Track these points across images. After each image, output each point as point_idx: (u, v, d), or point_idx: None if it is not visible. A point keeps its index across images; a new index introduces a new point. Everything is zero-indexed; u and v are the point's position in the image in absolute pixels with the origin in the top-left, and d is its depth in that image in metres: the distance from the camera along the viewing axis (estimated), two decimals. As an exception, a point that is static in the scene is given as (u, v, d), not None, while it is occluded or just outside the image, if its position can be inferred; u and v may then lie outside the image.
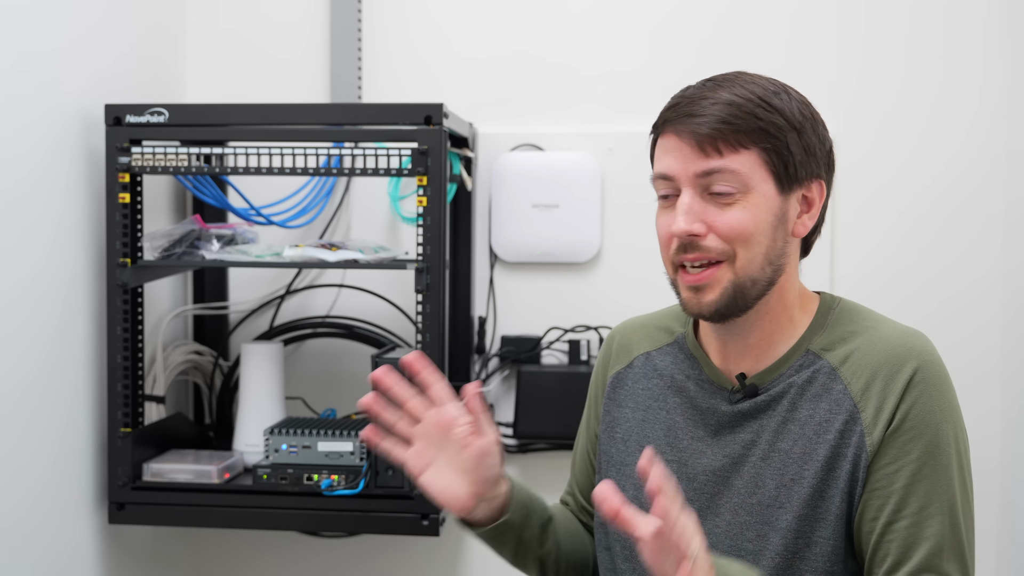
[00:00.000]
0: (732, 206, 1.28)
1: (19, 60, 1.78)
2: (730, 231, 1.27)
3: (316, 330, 2.35)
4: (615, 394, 1.48)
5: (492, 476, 1.34)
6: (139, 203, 1.98)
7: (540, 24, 2.34)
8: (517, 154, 2.31)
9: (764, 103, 1.29)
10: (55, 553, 1.90)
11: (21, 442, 1.80)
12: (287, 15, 2.39)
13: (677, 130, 1.30)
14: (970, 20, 2.22)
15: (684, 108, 1.30)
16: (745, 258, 1.28)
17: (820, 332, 1.35)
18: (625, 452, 1.43)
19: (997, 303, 2.23)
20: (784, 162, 1.29)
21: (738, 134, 1.27)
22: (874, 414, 1.28)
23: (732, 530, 1.32)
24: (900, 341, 1.31)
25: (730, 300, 1.29)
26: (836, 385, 1.31)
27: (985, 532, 2.24)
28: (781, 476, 1.30)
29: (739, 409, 1.35)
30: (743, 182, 1.27)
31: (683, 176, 1.29)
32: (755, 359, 1.36)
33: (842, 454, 1.28)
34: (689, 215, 1.27)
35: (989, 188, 2.23)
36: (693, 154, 1.28)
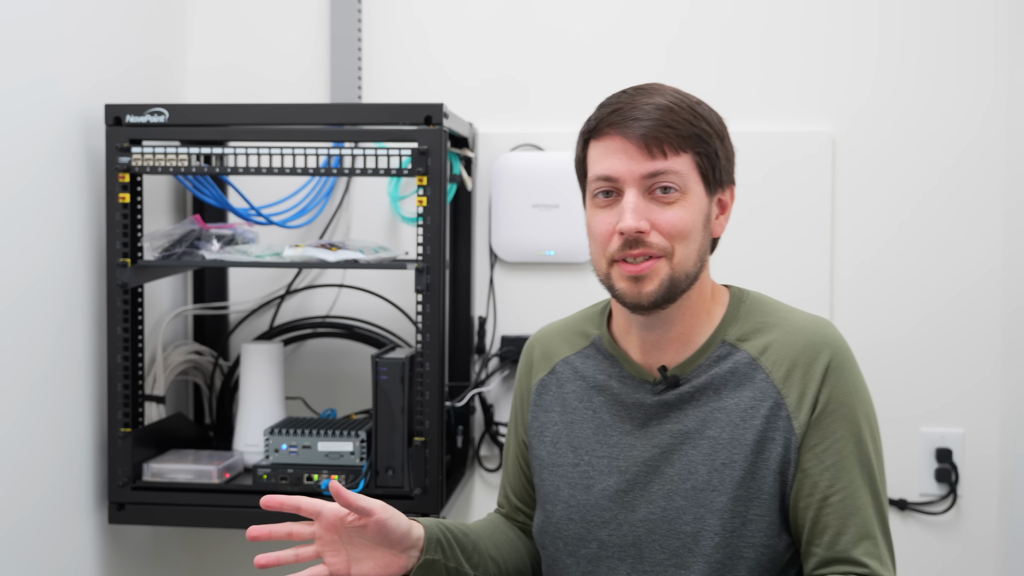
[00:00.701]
0: (673, 205, 1.37)
1: (19, 60, 1.78)
2: (672, 228, 1.37)
3: (316, 330, 2.35)
4: (540, 400, 1.55)
5: (402, 531, 1.40)
6: (139, 203, 1.98)
7: (540, 24, 2.34)
8: (517, 154, 2.31)
9: (693, 111, 1.40)
10: (55, 553, 1.90)
11: (21, 442, 1.80)
12: (287, 15, 2.39)
13: (623, 132, 1.37)
14: (973, 21, 2.22)
15: (627, 112, 1.38)
16: (682, 254, 1.38)
17: (734, 323, 1.45)
18: (556, 454, 1.51)
19: (997, 305, 2.23)
20: (712, 166, 1.40)
21: (679, 138, 1.37)
22: (797, 400, 1.39)
23: (668, 515, 1.40)
24: (813, 330, 1.42)
25: (666, 291, 1.38)
26: (758, 374, 1.41)
27: (985, 531, 2.25)
28: (712, 461, 1.39)
29: (663, 400, 1.44)
30: (683, 183, 1.38)
31: (629, 177, 1.37)
32: (675, 351, 1.45)
33: (770, 437, 1.39)
34: (636, 212, 1.36)
35: (990, 190, 2.22)
36: (640, 155, 1.37)
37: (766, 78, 2.28)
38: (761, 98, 2.29)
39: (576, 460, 1.48)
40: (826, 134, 2.26)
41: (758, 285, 2.23)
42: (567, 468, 1.48)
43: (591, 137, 1.42)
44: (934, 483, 2.25)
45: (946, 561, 2.25)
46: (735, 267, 2.26)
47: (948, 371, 2.25)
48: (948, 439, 2.25)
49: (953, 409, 2.25)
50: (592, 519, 1.45)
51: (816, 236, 2.26)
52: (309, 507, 1.38)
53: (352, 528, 1.39)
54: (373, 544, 1.40)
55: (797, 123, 2.28)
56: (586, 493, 1.46)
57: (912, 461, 2.26)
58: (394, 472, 1.92)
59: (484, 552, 1.52)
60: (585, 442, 1.48)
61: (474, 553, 1.50)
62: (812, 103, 2.28)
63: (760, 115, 2.29)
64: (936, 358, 2.25)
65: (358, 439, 1.95)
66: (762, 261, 2.27)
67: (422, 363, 1.92)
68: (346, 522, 1.38)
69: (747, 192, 2.27)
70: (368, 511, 1.37)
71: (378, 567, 1.40)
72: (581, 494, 1.46)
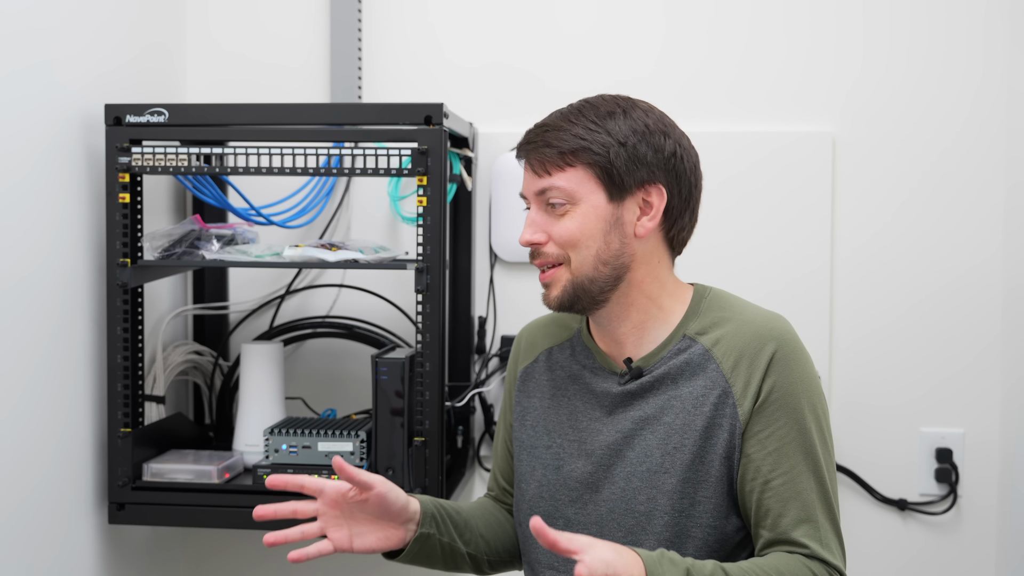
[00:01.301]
0: (563, 216, 1.49)
1: (19, 60, 1.78)
2: (560, 238, 1.49)
3: (316, 330, 2.35)
4: (524, 387, 1.66)
5: (400, 504, 1.48)
6: (139, 203, 1.98)
7: (540, 24, 2.34)
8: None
9: (594, 123, 1.48)
10: (55, 553, 1.90)
11: (21, 442, 1.80)
12: (287, 15, 2.39)
13: (521, 155, 1.53)
14: (973, 20, 2.22)
15: (528, 137, 1.52)
16: (577, 260, 1.49)
17: (694, 319, 1.53)
18: (535, 436, 1.61)
19: (997, 305, 2.23)
20: (610, 173, 1.47)
21: (563, 155, 1.47)
22: (743, 389, 1.47)
23: (626, 495, 1.50)
24: (762, 324, 1.50)
25: (572, 295, 1.50)
26: (710, 364, 1.49)
27: (985, 531, 2.25)
28: (665, 445, 1.48)
29: (627, 389, 1.53)
30: (570, 195, 1.48)
31: (529, 194, 1.53)
32: (633, 345, 1.54)
33: (717, 424, 1.47)
34: (532, 227, 1.51)
35: (990, 190, 2.23)
36: (532, 176, 1.51)
37: (766, 78, 2.28)
38: (761, 98, 2.29)
39: (549, 443, 1.58)
40: (826, 134, 2.26)
41: (757, 283, 2.25)
42: (542, 450, 1.59)
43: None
44: (934, 483, 2.25)
45: (946, 561, 2.25)
46: (735, 266, 2.27)
47: (948, 371, 2.25)
48: (948, 439, 2.25)
49: (953, 409, 2.25)
50: (560, 497, 1.55)
51: (816, 236, 2.26)
52: (312, 485, 1.44)
53: (354, 504, 1.46)
54: (374, 518, 1.48)
55: (797, 123, 2.28)
56: (556, 473, 1.56)
57: (912, 461, 2.26)
58: (394, 472, 1.92)
59: (475, 530, 1.62)
60: (559, 426, 1.58)
61: (466, 530, 1.60)
62: (812, 103, 2.28)
63: (760, 115, 2.29)
64: (936, 358, 2.25)
65: (358, 439, 1.95)
66: (762, 260, 2.27)
67: (422, 363, 1.91)
68: (348, 498, 1.45)
69: (747, 192, 2.27)
70: (369, 485, 1.43)
71: (379, 540, 1.48)
72: (552, 474, 1.56)
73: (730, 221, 2.27)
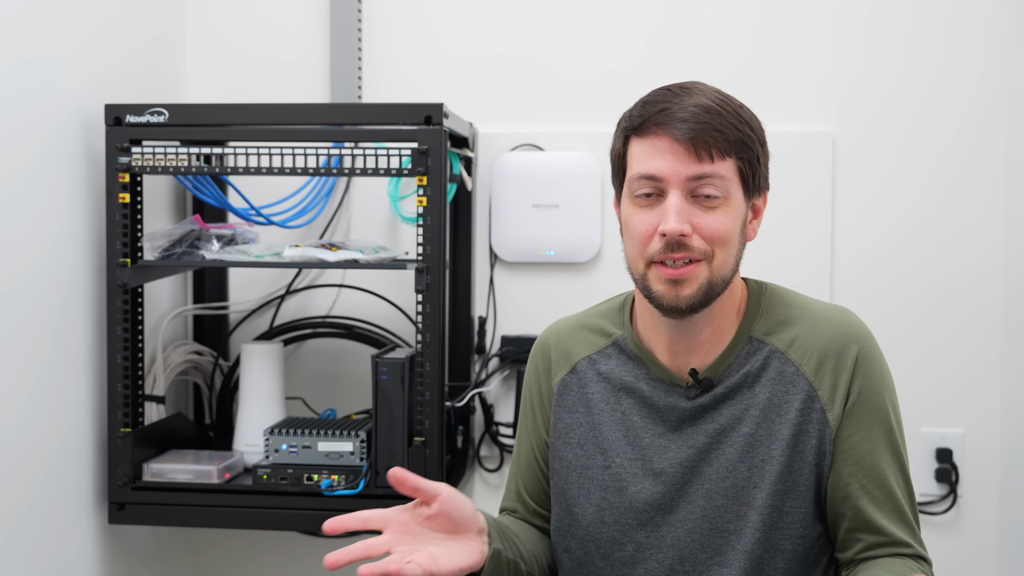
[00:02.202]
0: (715, 210, 1.36)
1: (19, 60, 1.78)
2: (714, 233, 1.35)
3: (316, 330, 2.35)
4: (563, 400, 1.52)
5: (469, 511, 1.36)
6: (139, 203, 1.98)
7: (540, 24, 2.34)
8: (517, 154, 2.31)
9: (738, 114, 1.38)
10: (55, 553, 1.90)
11: (21, 442, 1.80)
12: (287, 15, 2.39)
13: (671, 133, 1.34)
14: (973, 20, 2.22)
15: (675, 112, 1.35)
16: (721, 259, 1.37)
17: (757, 318, 1.45)
18: (584, 456, 1.48)
19: (997, 305, 2.23)
20: (752, 172, 1.39)
21: (726, 142, 1.35)
22: (830, 392, 1.40)
23: (709, 514, 1.41)
24: (839, 321, 1.44)
25: (704, 296, 1.37)
26: (788, 368, 1.42)
27: (985, 531, 2.25)
28: (751, 458, 1.40)
29: (699, 403, 1.43)
30: (726, 188, 1.36)
31: (674, 178, 1.35)
32: (704, 353, 1.44)
33: (805, 430, 1.40)
34: (680, 216, 1.34)
35: (990, 190, 2.22)
36: (687, 157, 1.34)
37: (766, 78, 2.28)
38: (761, 98, 2.28)
39: (606, 463, 1.46)
40: (826, 134, 2.26)
41: (758, 285, 2.24)
42: (597, 471, 1.46)
43: (634, 133, 1.39)
44: (934, 483, 2.25)
45: (946, 561, 2.25)
46: (735, 267, 2.26)
47: (948, 371, 2.25)
48: (948, 439, 2.25)
49: (953, 409, 2.25)
50: (627, 521, 1.44)
51: (816, 236, 2.26)
52: (376, 519, 1.32)
53: (424, 524, 1.34)
54: (447, 536, 1.35)
55: (797, 123, 2.28)
56: (619, 496, 1.44)
57: (912, 461, 2.22)
58: (394, 472, 1.92)
59: (528, 548, 1.49)
60: (615, 444, 1.46)
61: (522, 547, 1.47)
62: (812, 103, 2.28)
63: (761, 115, 2.27)
64: (936, 358, 2.25)
65: (358, 439, 1.95)
66: (762, 260, 2.26)
67: (422, 363, 1.91)
68: (417, 520, 1.34)
69: (747, 192, 2.27)
70: (434, 493, 1.32)
71: (462, 556, 1.34)
72: (614, 497, 1.45)
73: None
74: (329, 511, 1.93)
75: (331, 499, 1.93)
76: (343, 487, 1.93)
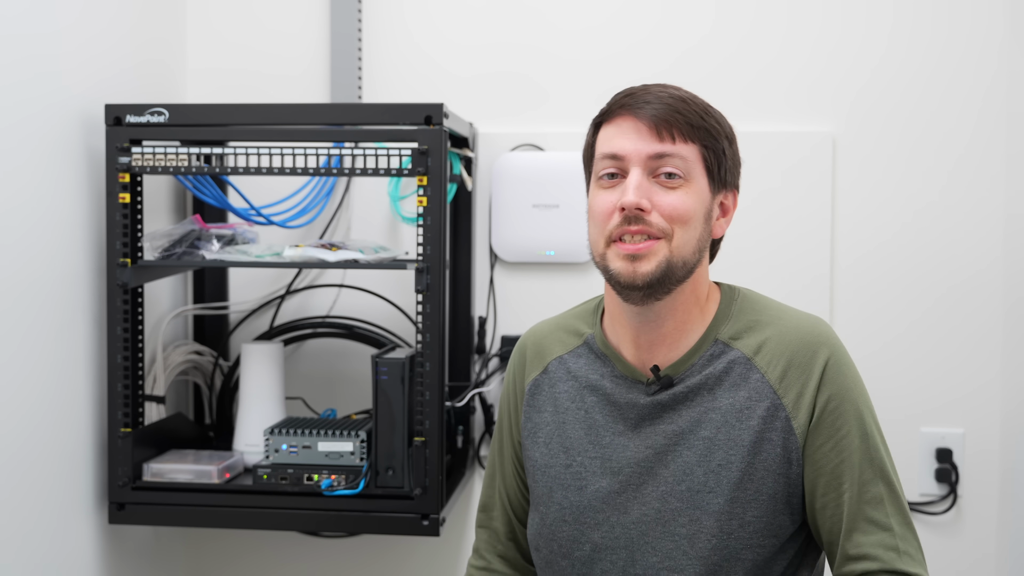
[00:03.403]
0: (675, 190, 1.37)
1: (20, 60, 1.78)
2: (673, 211, 1.36)
3: (316, 330, 2.35)
4: (534, 400, 1.53)
5: None
6: (139, 203, 1.98)
7: (540, 24, 2.34)
8: (517, 154, 2.31)
9: (705, 108, 1.41)
10: (55, 553, 1.90)
11: (21, 442, 1.80)
12: (287, 15, 2.39)
13: (635, 113, 1.38)
14: (973, 19, 2.22)
15: (640, 97, 1.39)
16: (681, 238, 1.37)
17: (726, 321, 1.44)
18: (548, 455, 1.49)
19: (997, 304, 2.23)
20: (718, 163, 1.40)
21: (689, 126, 1.37)
22: (795, 399, 1.38)
23: (663, 517, 1.39)
24: (807, 329, 1.42)
25: (662, 275, 1.36)
26: (753, 374, 1.40)
27: (985, 531, 2.25)
28: (708, 462, 1.39)
29: (657, 400, 1.42)
30: (687, 169, 1.37)
31: (635, 156, 1.37)
32: (667, 349, 1.43)
33: (767, 438, 1.38)
34: (639, 190, 1.35)
35: (990, 189, 2.22)
36: (649, 136, 1.37)
37: (766, 78, 2.28)
38: (761, 98, 2.29)
39: (568, 461, 1.46)
40: (826, 134, 2.26)
41: (758, 284, 2.23)
42: (559, 469, 1.47)
43: (603, 121, 1.42)
44: (934, 483, 2.25)
45: (946, 561, 2.25)
46: (735, 266, 2.26)
47: (948, 371, 2.25)
48: (948, 439, 2.25)
49: (953, 409, 2.25)
50: (585, 520, 1.43)
51: (816, 235, 2.26)
52: None
53: None
54: None
55: (797, 123, 2.28)
56: (579, 494, 1.44)
57: (912, 461, 2.26)
58: (394, 472, 1.92)
59: None
60: (577, 443, 1.46)
61: None
62: (812, 103, 2.28)
63: (760, 115, 2.29)
64: (936, 358, 2.25)
65: (358, 439, 1.95)
66: (762, 260, 2.27)
67: (422, 363, 1.91)
68: None
69: (747, 192, 2.26)
70: None
71: None
72: (574, 495, 1.45)
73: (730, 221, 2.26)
74: (329, 511, 1.94)
75: (331, 499, 1.93)
76: (343, 487, 1.93)
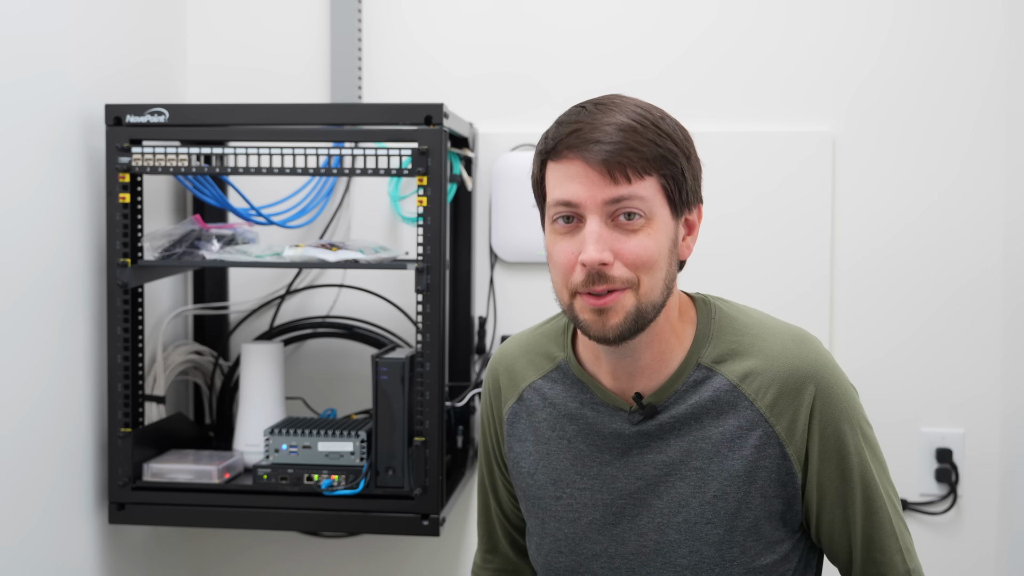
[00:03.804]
0: (637, 233, 1.27)
1: (20, 60, 1.78)
2: (637, 258, 1.27)
3: (316, 330, 2.35)
4: (513, 430, 1.48)
5: None
6: (139, 203, 1.98)
7: (540, 24, 2.34)
8: (517, 154, 2.31)
9: (657, 128, 1.29)
10: (55, 553, 1.90)
11: (22, 442, 1.80)
12: (287, 15, 2.39)
13: (584, 156, 1.27)
14: (973, 20, 2.22)
15: (587, 134, 1.28)
16: (648, 284, 1.28)
17: (706, 344, 1.37)
18: (535, 486, 1.45)
19: (998, 305, 2.23)
20: (678, 188, 1.30)
21: (643, 161, 1.27)
22: (788, 427, 1.34)
23: (663, 548, 1.37)
24: (795, 353, 1.35)
25: (632, 324, 1.29)
26: (742, 402, 1.35)
27: (985, 531, 2.24)
28: (703, 494, 1.35)
29: (643, 430, 1.37)
30: (648, 208, 1.28)
31: (590, 203, 1.27)
32: (647, 378, 1.37)
33: (762, 466, 1.34)
34: (600, 243, 1.26)
35: (991, 189, 2.22)
36: (602, 181, 1.26)
37: (766, 78, 2.28)
38: (761, 98, 2.29)
39: (558, 493, 1.42)
40: (826, 134, 2.26)
41: (758, 287, 2.24)
42: (549, 501, 1.43)
43: (548, 158, 1.32)
44: (934, 483, 2.25)
45: (946, 561, 2.25)
46: (735, 266, 2.26)
47: (948, 371, 2.25)
48: (948, 439, 2.25)
49: (953, 409, 2.25)
50: (583, 552, 1.41)
51: (816, 236, 2.26)
52: None
53: None
54: None
55: (797, 123, 2.28)
56: (572, 526, 1.41)
57: (912, 461, 2.26)
58: (394, 472, 1.92)
59: None
60: (564, 474, 1.42)
61: None
62: (812, 103, 2.28)
63: (760, 115, 2.29)
64: (936, 358, 2.25)
65: (358, 439, 1.95)
66: (762, 260, 2.27)
67: (422, 363, 1.91)
68: None
69: (747, 192, 2.27)
70: None
71: None
72: (568, 527, 1.41)
73: (728, 221, 2.27)
74: (329, 511, 1.94)
75: (331, 499, 1.93)
76: (343, 487, 1.93)
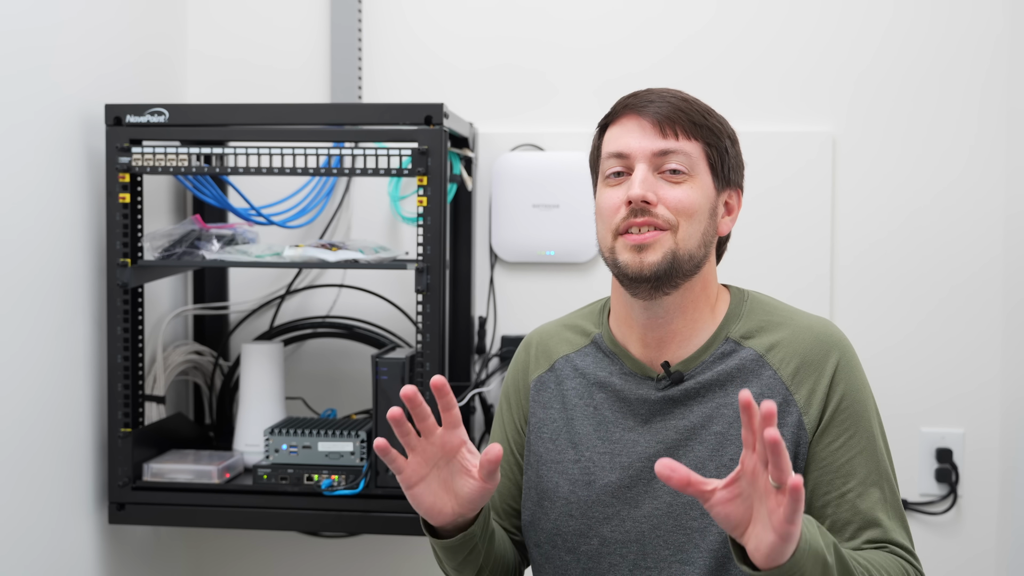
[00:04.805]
0: (680, 184, 1.41)
1: (19, 60, 1.78)
2: (678, 203, 1.40)
3: (316, 330, 2.35)
4: (539, 397, 1.56)
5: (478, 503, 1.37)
6: (139, 203, 1.98)
7: (540, 24, 2.34)
8: (517, 154, 2.31)
9: (706, 108, 1.46)
10: (55, 553, 1.90)
11: (22, 442, 1.80)
12: (287, 15, 2.39)
13: (639, 112, 1.43)
14: (973, 20, 2.22)
15: (644, 97, 1.45)
16: (686, 231, 1.40)
17: (737, 321, 1.48)
18: (555, 451, 1.51)
19: (998, 304, 2.23)
20: (721, 160, 1.45)
21: (692, 124, 1.42)
22: (807, 397, 1.42)
23: (675, 511, 1.42)
24: (820, 330, 1.46)
25: (668, 266, 1.40)
26: (765, 371, 1.44)
27: (985, 531, 2.25)
28: (720, 457, 1.41)
29: (668, 395, 1.45)
30: (691, 165, 1.42)
31: (640, 153, 1.42)
32: (677, 346, 1.46)
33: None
34: (644, 183, 1.40)
35: (991, 189, 2.22)
36: (653, 133, 1.42)
37: (766, 78, 2.28)
38: (761, 98, 2.29)
39: (576, 456, 1.48)
40: (826, 134, 2.26)
41: (758, 284, 2.23)
42: (567, 464, 1.49)
43: (608, 124, 1.48)
44: (934, 483, 2.25)
45: (946, 561, 2.25)
46: (735, 266, 2.26)
47: (948, 371, 2.25)
48: (948, 439, 2.25)
49: (953, 409, 2.25)
50: (594, 515, 1.46)
51: (816, 235, 2.26)
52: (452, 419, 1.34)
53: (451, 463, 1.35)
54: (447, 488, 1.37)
55: (797, 123, 2.28)
56: (587, 489, 1.47)
57: (912, 461, 2.26)
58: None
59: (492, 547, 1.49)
60: (585, 438, 1.49)
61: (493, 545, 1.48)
62: (812, 103, 2.28)
63: (760, 115, 2.29)
64: (936, 358, 2.25)
65: (358, 439, 1.95)
66: (762, 260, 2.27)
67: (422, 363, 1.91)
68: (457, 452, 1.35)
69: (747, 192, 2.27)
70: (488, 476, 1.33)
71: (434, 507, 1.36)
72: (582, 490, 1.47)
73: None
74: (329, 511, 1.94)
75: (331, 499, 1.93)
76: (343, 487, 1.93)
